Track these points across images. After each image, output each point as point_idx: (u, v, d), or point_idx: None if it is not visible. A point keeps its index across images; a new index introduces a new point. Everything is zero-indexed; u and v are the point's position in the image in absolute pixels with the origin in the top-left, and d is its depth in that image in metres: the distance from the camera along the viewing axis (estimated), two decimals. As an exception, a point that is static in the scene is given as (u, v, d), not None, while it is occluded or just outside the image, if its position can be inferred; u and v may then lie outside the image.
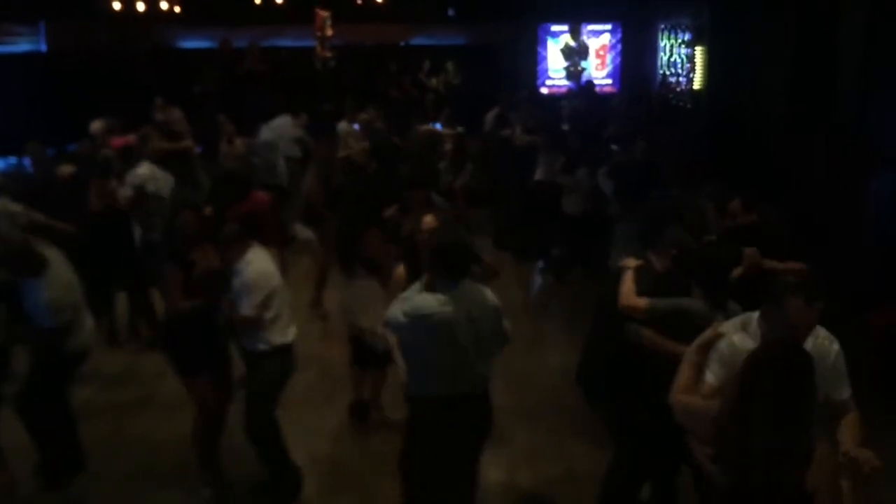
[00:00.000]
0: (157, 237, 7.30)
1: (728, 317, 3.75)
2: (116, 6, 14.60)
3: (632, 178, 7.84)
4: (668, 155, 9.46)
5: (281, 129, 10.58)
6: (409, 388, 4.07)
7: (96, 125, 9.45)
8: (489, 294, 4.06)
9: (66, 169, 7.97)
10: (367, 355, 5.61)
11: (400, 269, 4.86)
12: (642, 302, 4.16)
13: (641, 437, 4.23)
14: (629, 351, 4.17)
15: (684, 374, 3.37)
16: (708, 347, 3.37)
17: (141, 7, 14.79)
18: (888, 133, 8.10)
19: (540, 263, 9.58)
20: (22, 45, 14.19)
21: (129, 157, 8.04)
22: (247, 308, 4.69)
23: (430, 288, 3.92)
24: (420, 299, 3.87)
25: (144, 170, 7.67)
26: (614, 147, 10.87)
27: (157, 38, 15.60)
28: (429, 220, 4.98)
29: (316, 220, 7.88)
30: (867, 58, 8.35)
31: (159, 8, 15.13)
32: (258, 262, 4.79)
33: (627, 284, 4.28)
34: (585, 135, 10.51)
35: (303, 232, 8.21)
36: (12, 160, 10.39)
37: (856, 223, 8.04)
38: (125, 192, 7.38)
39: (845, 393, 3.44)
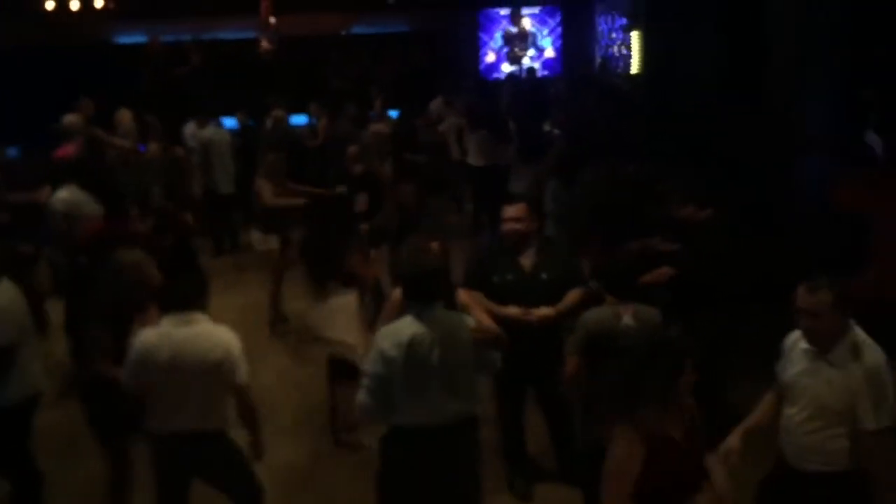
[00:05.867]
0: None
1: None
2: (49, 5, 14.23)
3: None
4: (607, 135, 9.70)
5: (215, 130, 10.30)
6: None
7: (70, 119, 8.84)
8: (467, 320, 3.88)
9: None
10: (345, 370, 5.33)
11: (397, 293, 4.35)
12: None
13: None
14: None
15: None
16: None
17: (75, 5, 14.42)
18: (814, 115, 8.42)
19: None
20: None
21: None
22: None
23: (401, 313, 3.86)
24: (394, 327, 3.78)
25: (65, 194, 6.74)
26: (556, 132, 11.09)
27: (93, 34, 15.22)
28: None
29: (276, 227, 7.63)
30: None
31: (93, 4, 14.75)
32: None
33: None
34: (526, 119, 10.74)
35: (261, 241, 7.78)
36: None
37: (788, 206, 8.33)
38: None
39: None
